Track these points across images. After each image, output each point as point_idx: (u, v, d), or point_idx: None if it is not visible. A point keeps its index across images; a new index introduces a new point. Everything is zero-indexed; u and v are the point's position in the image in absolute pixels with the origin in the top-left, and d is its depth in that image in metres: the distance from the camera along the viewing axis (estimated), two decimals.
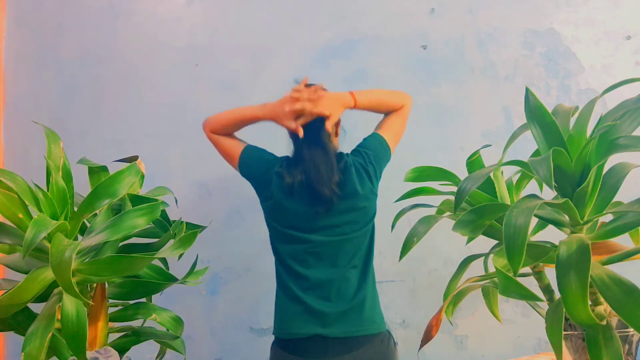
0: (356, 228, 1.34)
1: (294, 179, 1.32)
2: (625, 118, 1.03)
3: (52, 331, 1.20)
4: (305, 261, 1.32)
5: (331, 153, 1.35)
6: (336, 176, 1.32)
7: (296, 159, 1.37)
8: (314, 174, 1.31)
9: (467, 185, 1.06)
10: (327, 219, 1.32)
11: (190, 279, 1.54)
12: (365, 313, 1.31)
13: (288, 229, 1.35)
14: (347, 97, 1.40)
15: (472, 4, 2.08)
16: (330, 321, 1.28)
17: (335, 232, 1.32)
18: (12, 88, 2.29)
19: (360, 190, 1.34)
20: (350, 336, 1.28)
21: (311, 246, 1.32)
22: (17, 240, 1.35)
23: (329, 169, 1.32)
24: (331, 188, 1.30)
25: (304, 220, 1.33)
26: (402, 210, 1.48)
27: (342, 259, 1.32)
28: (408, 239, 1.38)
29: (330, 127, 1.37)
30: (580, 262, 0.87)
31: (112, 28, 2.26)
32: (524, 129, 1.21)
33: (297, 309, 1.31)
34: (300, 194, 1.32)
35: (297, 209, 1.33)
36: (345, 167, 1.35)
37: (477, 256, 1.39)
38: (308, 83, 1.42)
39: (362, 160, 1.38)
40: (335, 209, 1.32)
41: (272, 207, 1.37)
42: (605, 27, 2.01)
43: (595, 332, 0.93)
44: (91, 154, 1.67)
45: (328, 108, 1.36)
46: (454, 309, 1.42)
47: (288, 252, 1.34)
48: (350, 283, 1.32)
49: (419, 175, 1.42)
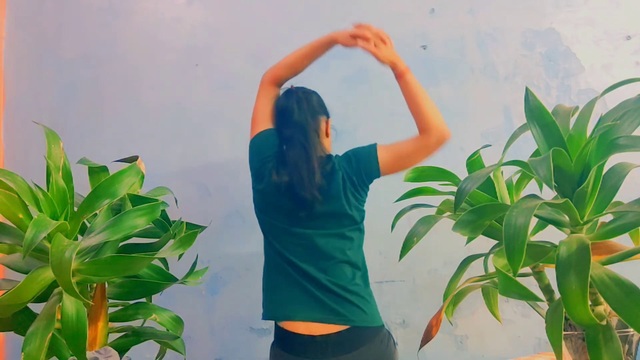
0: (342, 225, 1.34)
1: (280, 179, 1.33)
2: (625, 118, 1.04)
3: (52, 331, 1.20)
4: (295, 252, 1.33)
5: (314, 156, 1.34)
6: (318, 180, 1.31)
7: (283, 159, 1.37)
8: (295, 177, 1.32)
9: (467, 185, 1.06)
10: (311, 218, 1.33)
11: (190, 279, 1.54)
12: (361, 306, 1.31)
13: (275, 221, 1.36)
14: (402, 61, 1.39)
15: (472, 4, 2.08)
16: (326, 311, 1.29)
17: (319, 227, 1.33)
18: (12, 88, 2.29)
19: (342, 196, 1.33)
20: (347, 327, 1.27)
21: (298, 238, 1.33)
22: (17, 240, 1.35)
23: (311, 173, 1.31)
24: (312, 192, 1.30)
25: (290, 217, 1.34)
26: (402, 210, 1.48)
27: (330, 253, 1.33)
28: (408, 239, 1.38)
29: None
30: (580, 262, 0.87)
31: (112, 28, 2.26)
32: (524, 129, 1.21)
33: (293, 292, 1.31)
34: (285, 193, 1.33)
35: (284, 205, 1.34)
36: (332, 170, 1.34)
37: (477, 256, 1.39)
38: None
39: (348, 168, 1.37)
40: (318, 210, 1.32)
41: (262, 200, 1.38)
42: (605, 27, 2.01)
43: (595, 332, 0.93)
44: (91, 154, 1.67)
45: (387, 58, 1.37)
46: (454, 309, 1.42)
47: (278, 240, 1.36)
48: (343, 276, 1.32)
49: (419, 175, 1.42)
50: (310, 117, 1.39)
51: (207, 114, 2.15)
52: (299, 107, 1.40)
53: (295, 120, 1.38)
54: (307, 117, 1.39)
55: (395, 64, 1.36)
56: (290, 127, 1.38)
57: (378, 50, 1.36)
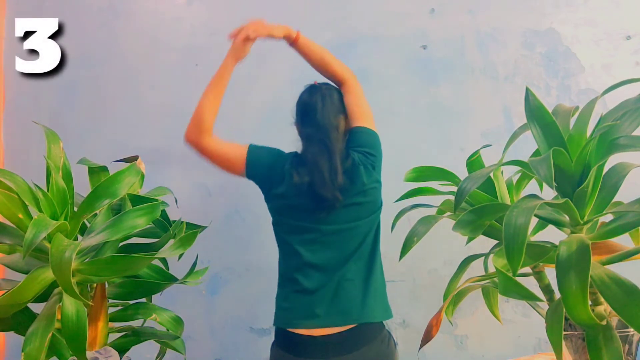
0: (362, 217, 1.34)
1: (301, 179, 1.32)
2: (625, 118, 1.03)
3: (52, 331, 1.21)
4: (314, 250, 1.32)
5: (336, 155, 1.33)
6: (340, 179, 1.31)
7: (303, 159, 1.36)
8: (317, 177, 1.31)
9: (467, 185, 1.06)
10: (333, 214, 1.32)
11: (190, 279, 1.54)
12: (370, 301, 1.31)
13: (297, 222, 1.35)
14: (288, 27, 1.47)
15: (472, 4, 2.08)
16: (334, 311, 1.29)
17: (341, 221, 1.33)
18: (12, 88, 2.29)
19: (367, 184, 1.33)
20: (347, 327, 1.27)
21: (319, 235, 1.32)
22: (17, 240, 1.35)
23: (333, 172, 1.31)
24: (333, 192, 1.29)
25: (312, 215, 1.33)
26: (402, 210, 1.48)
27: (348, 247, 1.33)
28: (408, 239, 1.38)
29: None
30: (580, 262, 0.87)
31: (112, 28, 2.26)
32: (524, 129, 1.21)
33: (305, 300, 1.30)
34: (307, 193, 1.32)
35: (304, 205, 1.33)
36: (353, 165, 1.34)
37: (477, 256, 1.39)
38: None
39: (362, 157, 1.37)
40: (341, 205, 1.31)
41: (283, 203, 1.36)
42: (605, 27, 2.00)
43: (595, 332, 0.93)
44: (91, 154, 1.67)
45: (278, 31, 1.46)
46: (454, 309, 1.42)
47: (298, 242, 1.34)
48: (359, 271, 1.32)
49: (419, 175, 1.42)
50: (333, 116, 1.39)
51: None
52: (323, 105, 1.39)
53: (319, 118, 1.37)
54: (330, 116, 1.38)
55: (288, 32, 1.46)
56: (313, 126, 1.37)
57: (268, 30, 1.47)
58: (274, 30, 1.46)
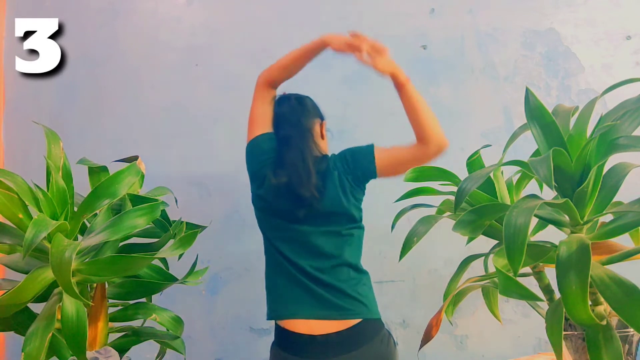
0: (341, 224, 1.37)
1: (279, 181, 1.35)
2: (625, 118, 1.03)
3: (52, 331, 1.20)
4: (295, 250, 1.35)
5: (309, 157, 1.37)
6: (314, 180, 1.34)
7: (280, 161, 1.40)
8: (294, 177, 1.34)
9: (467, 185, 1.06)
10: (310, 216, 1.35)
11: (190, 279, 1.54)
12: (361, 300, 1.32)
13: (275, 221, 1.39)
14: (402, 72, 1.37)
15: (472, 4, 2.08)
16: (327, 307, 1.29)
17: (319, 225, 1.36)
18: (12, 88, 2.29)
19: (340, 194, 1.36)
20: (347, 327, 1.28)
21: (298, 236, 1.35)
22: (17, 240, 1.35)
23: (307, 172, 1.34)
24: (310, 190, 1.32)
25: (290, 215, 1.36)
26: (402, 210, 1.48)
27: (329, 251, 1.35)
28: (408, 239, 1.38)
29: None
30: (580, 262, 0.87)
31: (112, 28, 2.26)
32: (524, 129, 1.21)
33: (295, 290, 1.33)
34: (285, 193, 1.35)
35: (283, 205, 1.37)
36: (327, 170, 1.37)
37: (477, 256, 1.39)
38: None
39: (343, 167, 1.39)
40: (317, 209, 1.34)
41: (262, 203, 1.41)
42: (605, 27, 2.00)
43: (595, 332, 0.93)
44: (91, 154, 1.67)
45: (385, 69, 1.35)
46: (454, 309, 1.42)
47: (278, 239, 1.38)
48: (342, 274, 1.34)
49: (419, 175, 1.42)
50: (304, 120, 1.43)
51: (207, 114, 2.15)
52: (293, 111, 1.44)
53: (291, 124, 1.42)
54: (302, 120, 1.42)
55: (395, 75, 1.36)
56: (286, 130, 1.41)
57: (375, 62, 1.35)
58: (383, 63, 1.35)
